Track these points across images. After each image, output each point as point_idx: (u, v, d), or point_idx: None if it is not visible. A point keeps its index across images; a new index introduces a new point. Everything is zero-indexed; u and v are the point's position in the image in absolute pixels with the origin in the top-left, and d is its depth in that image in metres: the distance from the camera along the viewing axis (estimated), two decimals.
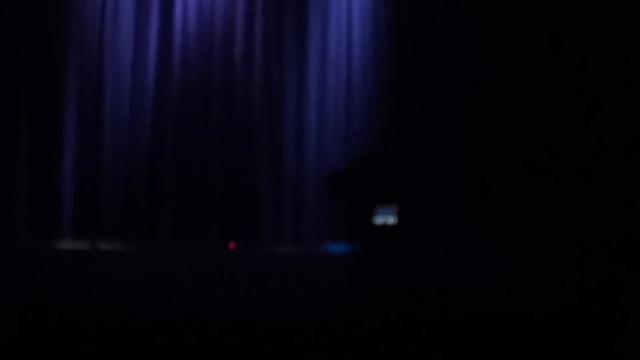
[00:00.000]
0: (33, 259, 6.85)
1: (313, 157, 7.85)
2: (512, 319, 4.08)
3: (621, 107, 6.66)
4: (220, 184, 7.83)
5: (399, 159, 6.21)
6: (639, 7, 6.65)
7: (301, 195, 7.84)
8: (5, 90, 7.73)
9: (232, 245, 7.78)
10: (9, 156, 7.67)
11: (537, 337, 3.86)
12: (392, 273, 5.34)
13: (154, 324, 4.23)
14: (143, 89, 7.97)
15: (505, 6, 7.14)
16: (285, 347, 3.98)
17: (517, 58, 6.99)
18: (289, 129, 7.91)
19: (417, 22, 7.59)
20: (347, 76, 7.89)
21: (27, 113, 7.77)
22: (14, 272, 5.95)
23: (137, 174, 7.87)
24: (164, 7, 8.03)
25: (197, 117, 7.93)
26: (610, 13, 6.76)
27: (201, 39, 8.02)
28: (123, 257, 7.34)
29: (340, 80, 7.88)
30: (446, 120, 7.29)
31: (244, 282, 5.84)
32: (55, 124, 7.81)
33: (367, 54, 7.80)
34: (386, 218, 5.59)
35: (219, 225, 7.77)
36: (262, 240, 7.74)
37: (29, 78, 7.79)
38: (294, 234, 7.78)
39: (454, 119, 7.27)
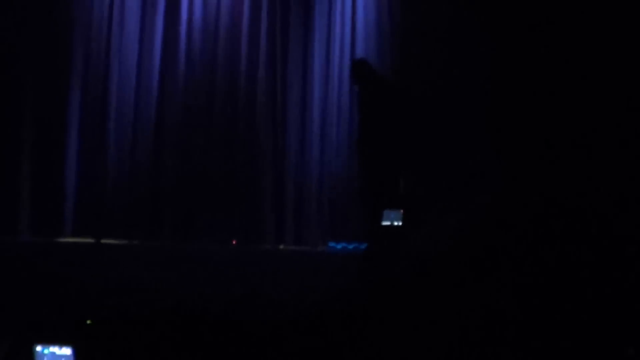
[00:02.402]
0: (36, 254, 6.86)
1: (316, 156, 7.90)
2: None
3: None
4: (223, 181, 7.88)
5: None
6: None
7: (303, 194, 7.89)
8: (9, 87, 7.74)
9: (234, 242, 7.83)
10: (12, 153, 7.69)
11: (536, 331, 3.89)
12: (399, 272, 5.46)
13: (154, 319, 4.23)
14: (147, 86, 8.02)
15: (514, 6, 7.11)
16: (288, 343, 4.00)
17: (524, 61, 6.96)
18: (291, 128, 7.95)
19: (422, 19, 7.59)
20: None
21: (31, 110, 7.79)
22: (16, 267, 5.96)
23: (140, 171, 7.92)
24: (169, 5, 8.08)
25: (201, 115, 7.98)
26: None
27: (206, 38, 8.07)
28: (125, 253, 7.35)
29: (344, 80, 7.92)
30: (451, 120, 7.30)
31: (246, 279, 5.87)
32: (59, 121, 7.85)
33: (371, 52, 7.83)
34: (393, 220, 5.82)
35: (221, 223, 7.82)
36: (264, 239, 7.78)
37: (33, 76, 7.80)
38: (295, 232, 7.83)
39: (459, 118, 7.27)
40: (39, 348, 3.20)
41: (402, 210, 5.88)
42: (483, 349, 3.68)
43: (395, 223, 5.85)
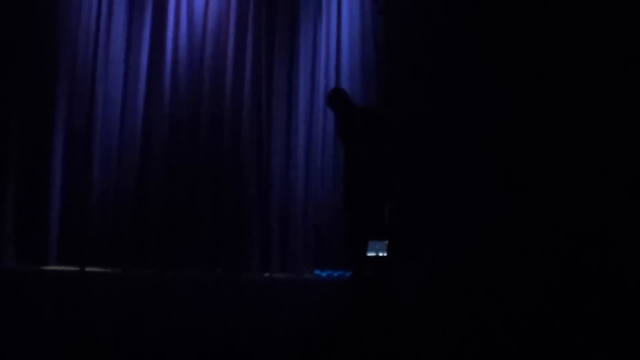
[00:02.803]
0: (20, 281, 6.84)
1: (300, 184, 7.93)
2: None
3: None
4: (208, 210, 7.90)
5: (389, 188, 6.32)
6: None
7: (288, 222, 7.91)
8: None
9: (219, 270, 7.83)
10: None
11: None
12: (384, 299, 5.49)
13: (140, 348, 4.21)
14: (132, 115, 8.07)
15: (499, 23, 7.15)
16: None
17: (513, 90, 6.99)
18: (276, 157, 8.00)
19: (406, 48, 7.66)
20: None
21: (16, 138, 7.83)
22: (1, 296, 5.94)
23: (124, 199, 7.94)
24: (154, 34, 8.13)
25: (186, 144, 8.04)
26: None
27: (191, 67, 8.14)
28: (109, 281, 7.33)
29: (329, 109, 7.95)
30: (436, 147, 7.32)
31: (231, 307, 5.86)
32: (44, 150, 7.89)
33: (356, 81, 7.90)
34: (378, 251, 5.87)
35: (206, 251, 7.83)
36: (249, 267, 7.78)
37: (18, 103, 7.86)
38: (281, 260, 7.84)
39: (444, 144, 7.29)
40: None
41: (387, 241, 5.93)
42: None
43: (381, 254, 5.90)
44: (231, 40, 8.12)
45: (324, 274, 7.71)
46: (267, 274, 7.81)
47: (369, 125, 6.30)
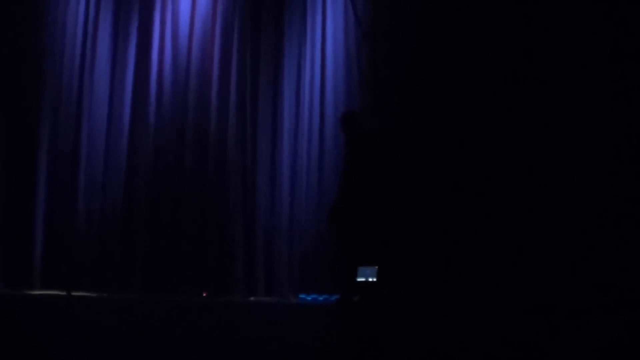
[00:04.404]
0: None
1: (285, 210, 7.97)
2: None
3: None
4: (194, 235, 7.93)
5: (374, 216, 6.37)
6: None
7: (274, 246, 7.95)
8: None
9: (204, 294, 7.85)
10: None
11: None
12: (372, 325, 5.54)
13: None
14: (117, 139, 8.12)
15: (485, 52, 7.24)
16: None
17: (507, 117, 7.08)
18: (261, 182, 8.06)
19: (389, 70, 7.71)
20: (320, 130, 8.07)
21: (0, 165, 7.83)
22: None
23: (109, 224, 7.96)
24: (139, 61, 8.20)
25: (171, 168, 8.09)
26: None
27: (175, 95, 8.20)
28: (95, 306, 7.34)
29: (313, 133, 8.05)
30: (420, 173, 7.38)
31: (217, 332, 5.88)
32: (29, 174, 7.93)
33: (340, 104, 7.96)
34: (368, 277, 5.93)
35: (192, 276, 7.85)
36: (235, 291, 7.81)
37: (2, 127, 7.92)
38: (266, 284, 7.87)
39: (428, 170, 7.35)
40: None
41: (376, 267, 5.99)
42: None
43: (370, 279, 5.96)
44: (215, 68, 8.22)
45: (309, 298, 7.75)
46: (252, 298, 7.84)
47: (374, 152, 6.35)
